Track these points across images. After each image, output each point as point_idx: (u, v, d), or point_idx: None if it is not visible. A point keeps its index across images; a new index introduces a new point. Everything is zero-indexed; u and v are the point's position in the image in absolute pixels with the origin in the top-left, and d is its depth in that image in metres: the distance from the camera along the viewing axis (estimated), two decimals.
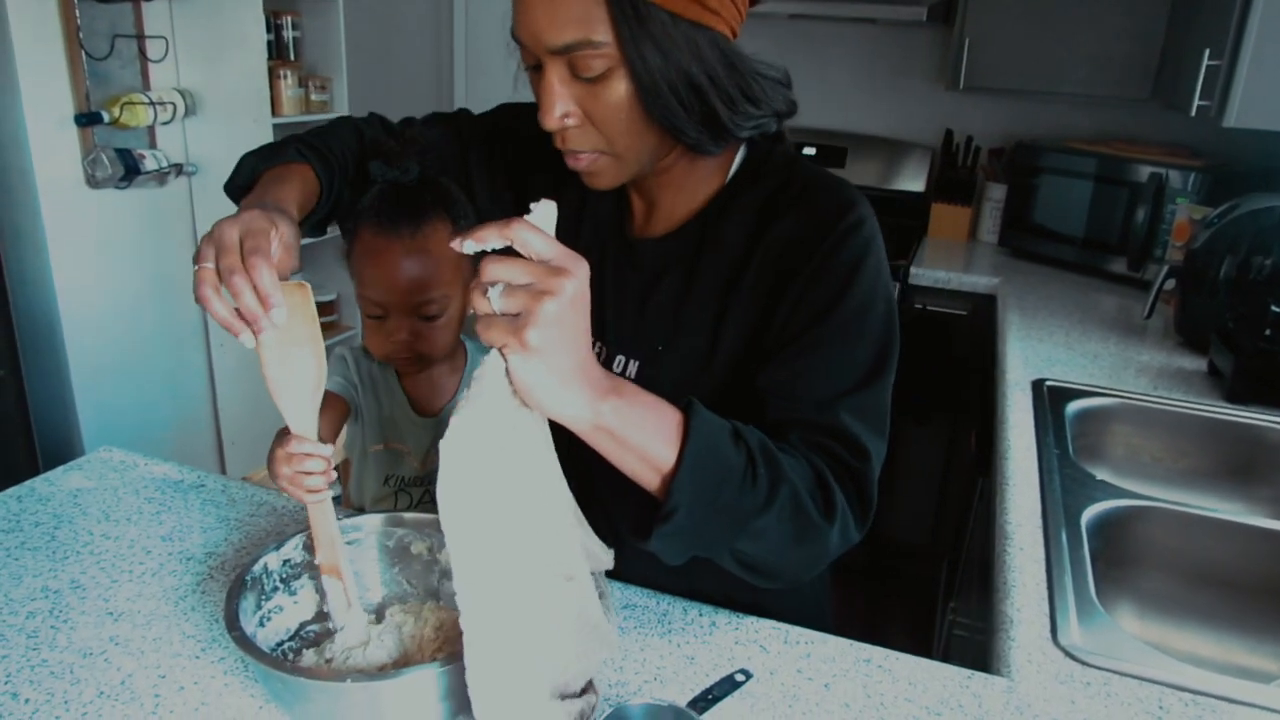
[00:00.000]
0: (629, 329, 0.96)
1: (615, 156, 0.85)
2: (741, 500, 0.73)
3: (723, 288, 0.91)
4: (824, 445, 0.81)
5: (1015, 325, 1.92)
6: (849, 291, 0.84)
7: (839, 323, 0.84)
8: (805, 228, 0.87)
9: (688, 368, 0.92)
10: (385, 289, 1.00)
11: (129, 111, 2.03)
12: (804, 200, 0.89)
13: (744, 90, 0.84)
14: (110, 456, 1.17)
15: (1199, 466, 1.49)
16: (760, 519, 0.74)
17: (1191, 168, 2.19)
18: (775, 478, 0.74)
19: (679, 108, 0.81)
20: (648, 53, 0.78)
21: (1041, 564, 1.01)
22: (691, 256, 0.93)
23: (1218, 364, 1.64)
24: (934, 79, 2.81)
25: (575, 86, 0.81)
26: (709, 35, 0.80)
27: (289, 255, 0.77)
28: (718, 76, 0.82)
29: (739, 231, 0.91)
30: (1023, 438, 1.33)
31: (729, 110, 0.83)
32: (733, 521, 0.73)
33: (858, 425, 0.82)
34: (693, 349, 0.92)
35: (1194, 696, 0.81)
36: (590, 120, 0.82)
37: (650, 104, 0.81)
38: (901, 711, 0.77)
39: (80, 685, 0.77)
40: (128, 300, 2.15)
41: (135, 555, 0.96)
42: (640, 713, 0.70)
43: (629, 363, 0.96)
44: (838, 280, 0.84)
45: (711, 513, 0.72)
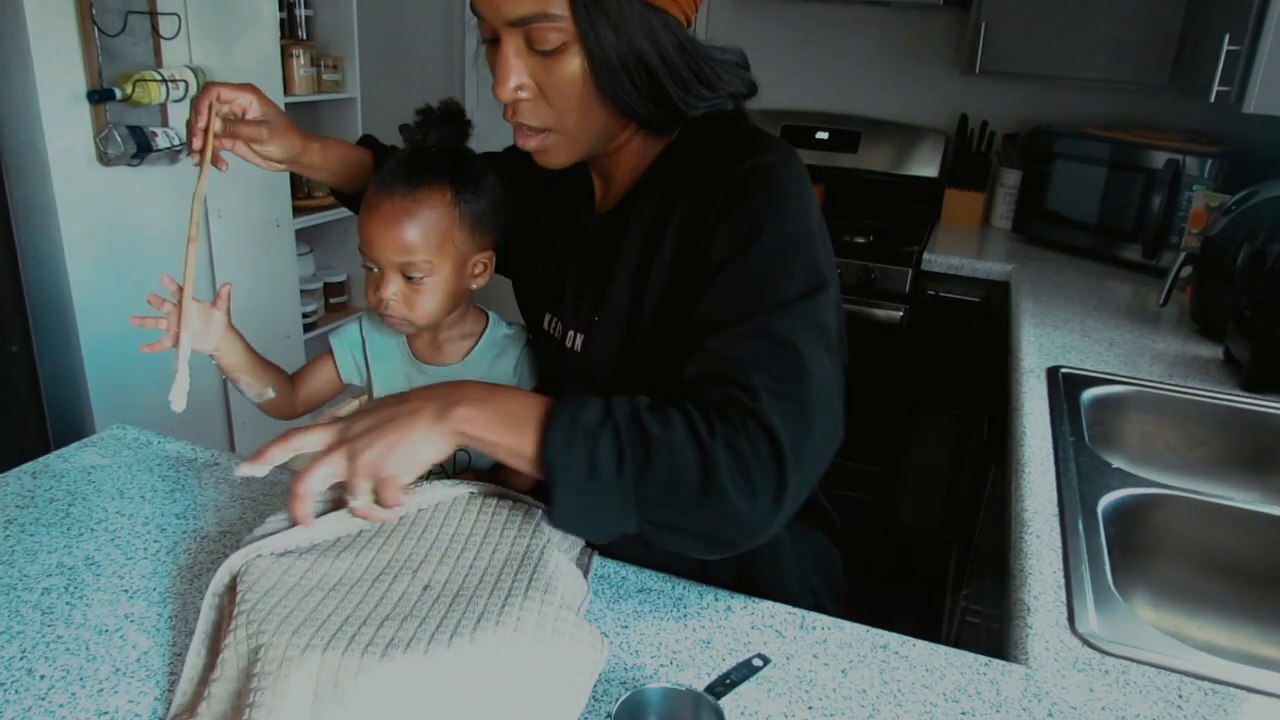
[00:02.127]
0: (575, 303, 1.01)
1: (565, 135, 0.87)
2: (618, 475, 0.73)
3: (640, 262, 0.93)
4: (713, 375, 0.78)
5: (1029, 312, 1.91)
6: (743, 227, 0.83)
7: (738, 257, 0.82)
8: (703, 190, 0.87)
9: (616, 337, 0.95)
10: (371, 244, 1.03)
11: (141, 89, 2.02)
12: (707, 165, 0.88)
13: (696, 72, 0.85)
14: (123, 434, 1.17)
15: (1215, 455, 1.48)
16: (643, 489, 0.73)
17: (1209, 154, 2.16)
18: (648, 448, 0.73)
19: (630, 86, 0.83)
20: (602, 29, 0.79)
21: (1058, 551, 1.00)
22: (619, 233, 0.95)
23: (1234, 352, 1.62)
24: (949, 63, 2.78)
25: (530, 59, 0.82)
26: (662, 18, 0.82)
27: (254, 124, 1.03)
28: (670, 58, 0.83)
29: (655, 206, 0.92)
30: (1038, 425, 1.32)
31: (680, 91, 0.85)
32: (617, 495, 0.74)
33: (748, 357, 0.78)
34: (618, 320, 0.94)
35: (1213, 685, 0.80)
36: (543, 94, 0.84)
37: (603, 80, 0.82)
38: (919, 698, 0.77)
39: (96, 662, 0.77)
40: (139, 278, 2.15)
41: (150, 533, 0.96)
42: (658, 696, 0.70)
43: (576, 336, 1.00)
44: (737, 218, 0.84)
45: (589, 491, 0.74)
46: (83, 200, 2.01)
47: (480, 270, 1.08)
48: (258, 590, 0.76)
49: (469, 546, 0.85)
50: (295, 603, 0.75)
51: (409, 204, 1.01)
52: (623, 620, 0.85)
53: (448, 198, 1.02)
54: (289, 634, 0.70)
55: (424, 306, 1.05)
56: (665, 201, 0.91)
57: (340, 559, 0.82)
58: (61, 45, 1.90)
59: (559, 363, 1.04)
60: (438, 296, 1.05)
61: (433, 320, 1.08)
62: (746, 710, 0.75)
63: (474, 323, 1.16)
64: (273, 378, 1.12)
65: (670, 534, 0.77)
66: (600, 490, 0.74)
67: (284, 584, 0.78)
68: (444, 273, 1.04)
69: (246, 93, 1.04)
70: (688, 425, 0.75)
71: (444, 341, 1.14)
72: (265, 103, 1.06)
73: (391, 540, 0.85)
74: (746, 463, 0.74)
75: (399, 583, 0.79)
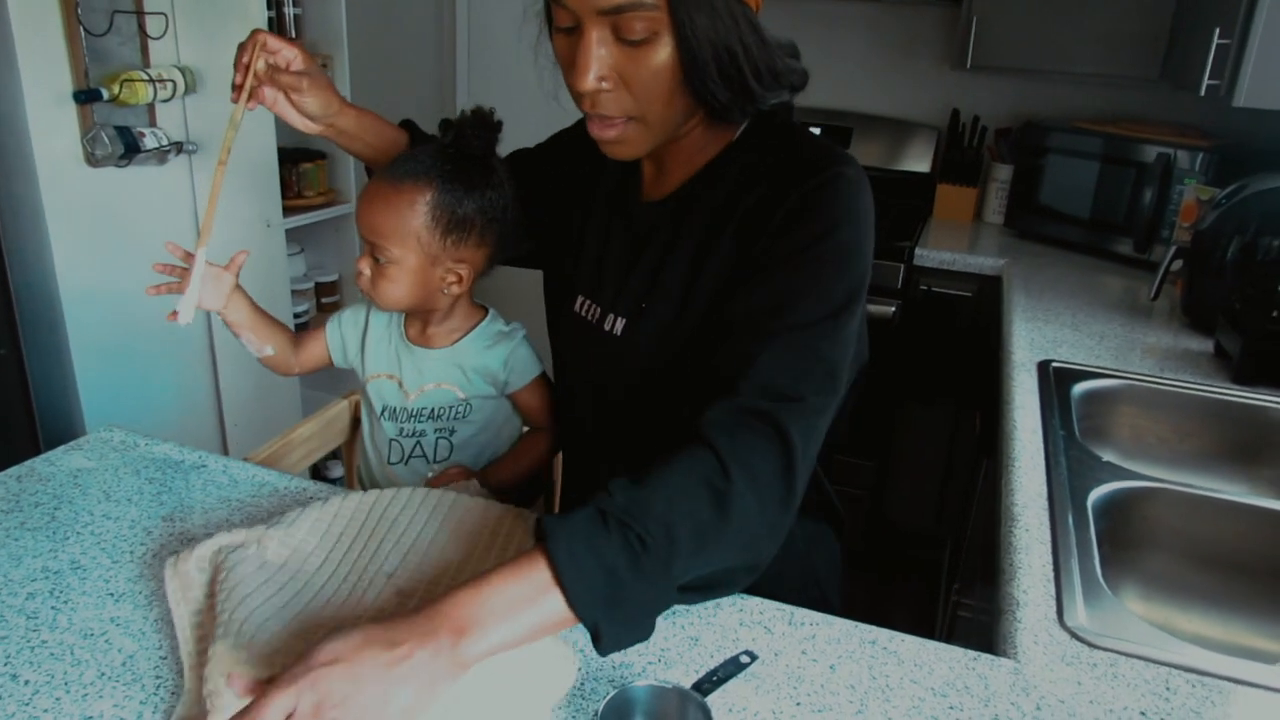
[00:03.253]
0: (619, 288, 1.00)
1: (645, 124, 0.86)
2: (646, 572, 0.71)
3: (697, 251, 0.92)
4: (744, 408, 0.78)
5: (1021, 306, 1.91)
6: (806, 226, 0.84)
7: (788, 253, 0.84)
8: (776, 188, 0.87)
9: (664, 326, 0.94)
10: (359, 220, 1.09)
11: (129, 89, 2.01)
12: (784, 165, 0.89)
13: (769, 63, 0.85)
14: (111, 436, 1.16)
15: (1205, 448, 1.48)
16: (676, 565, 0.73)
17: (1199, 148, 2.16)
18: (662, 523, 0.72)
19: (716, 76, 0.82)
20: (698, 17, 0.78)
21: (1047, 545, 1.00)
22: (678, 220, 0.95)
23: (1224, 345, 1.62)
24: (940, 58, 2.78)
25: (615, 49, 0.81)
26: (743, 8, 0.81)
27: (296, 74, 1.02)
28: (750, 47, 0.83)
29: (721, 197, 0.92)
30: (1028, 419, 1.32)
31: (757, 81, 0.85)
32: (655, 588, 0.72)
33: (789, 371, 0.80)
34: (668, 309, 0.94)
35: (1200, 677, 0.80)
36: (626, 85, 0.83)
37: (690, 70, 0.81)
38: (907, 693, 0.77)
39: (81, 666, 0.76)
40: (128, 279, 2.14)
41: (136, 536, 0.96)
42: (644, 694, 0.70)
43: (617, 320, 0.99)
44: (799, 218, 0.85)
45: (629, 601, 0.71)
46: (70, 202, 2.00)
47: (452, 280, 1.10)
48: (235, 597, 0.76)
49: (446, 553, 0.85)
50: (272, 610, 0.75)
51: (389, 191, 1.05)
52: None
53: (427, 198, 1.05)
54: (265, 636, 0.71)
55: (383, 289, 1.09)
56: (731, 197, 0.91)
57: (320, 569, 0.82)
58: (47, 45, 1.89)
59: (590, 345, 1.03)
60: (399, 285, 1.09)
61: (393, 305, 1.12)
62: (734, 707, 0.74)
63: (465, 319, 1.18)
64: (275, 336, 1.17)
65: (706, 592, 0.81)
66: (636, 597, 0.72)
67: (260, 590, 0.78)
68: (407, 265, 1.08)
69: (292, 47, 1.04)
70: (691, 477, 0.75)
71: (433, 334, 1.18)
72: (309, 60, 1.05)
73: (369, 545, 0.86)
74: (760, 479, 0.76)
75: (373, 588, 0.80)
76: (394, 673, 0.63)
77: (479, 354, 1.17)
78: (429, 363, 1.17)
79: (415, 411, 1.18)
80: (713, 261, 0.91)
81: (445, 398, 1.17)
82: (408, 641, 0.65)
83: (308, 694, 0.61)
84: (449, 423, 1.18)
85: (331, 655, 0.63)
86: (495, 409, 1.21)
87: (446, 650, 0.66)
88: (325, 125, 1.10)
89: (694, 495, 0.74)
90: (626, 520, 0.71)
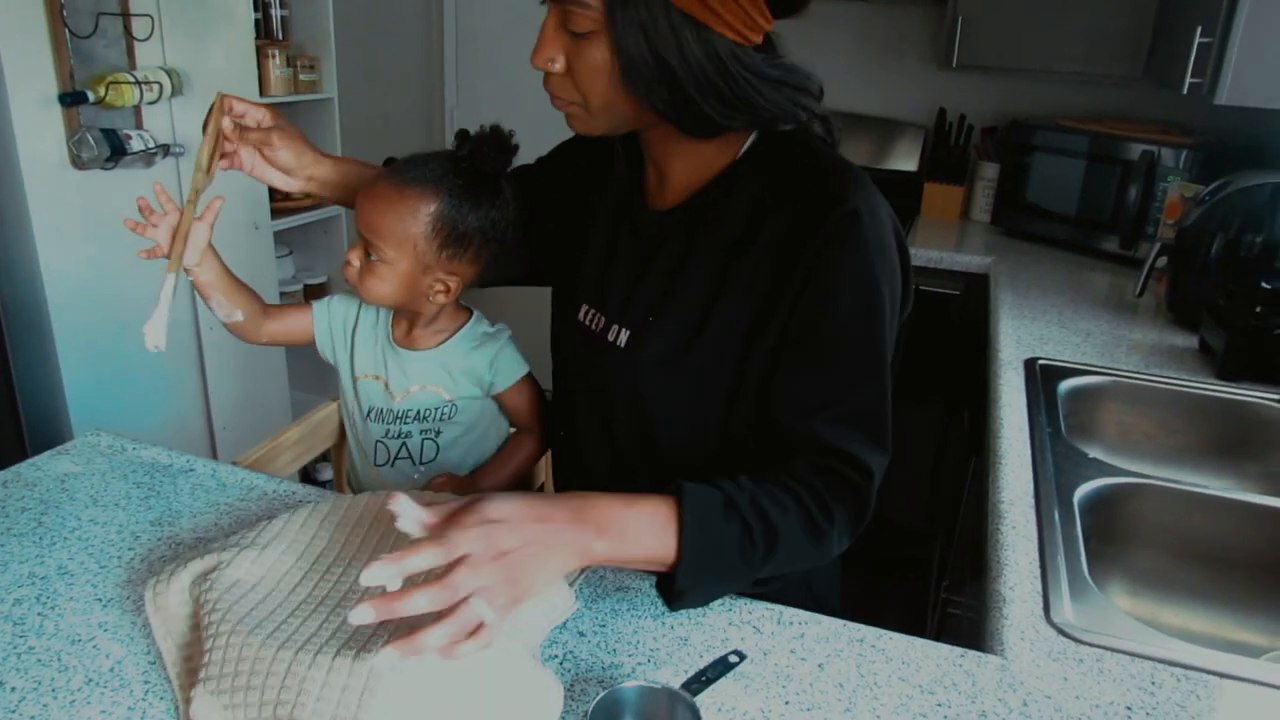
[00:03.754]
0: (625, 298, 0.99)
1: (589, 112, 0.88)
2: (743, 563, 0.82)
3: (718, 269, 0.92)
4: (829, 467, 0.87)
5: (1008, 304, 1.92)
6: (842, 296, 0.86)
7: (834, 334, 0.87)
8: (798, 222, 0.88)
9: (674, 341, 0.94)
10: (357, 208, 1.08)
11: (114, 91, 2.00)
12: (800, 191, 0.89)
13: (733, 90, 0.84)
14: (98, 441, 1.16)
15: (1190, 443, 1.50)
16: (763, 568, 0.83)
17: (1183, 145, 2.18)
18: (771, 533, 0.82)
19: (656, 88, 0.83)
20: (628, 30, 0.80)
21: (1034, 542, 1.01)
22: (691, 232, 0.94)
23: (1209, 341, 1.64)
24: (927, 58, 2.79)
25: (565, 37, 0.84)
26: (701, 32, 0.81)
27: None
28: (701, 71, 0.82)
29: (739, 215, 0.92)
30: (1015, 416, 1.33)
31: (716, 102, 0.85)
32: (739, 577, 0.84)
33: (858, 439, 0.88)
34: (681, 324, 0.93)
35: (1185, 671, 0.81)
36: (570, 72, 0.86)
37: (627, 77, 0.83)
38: (895, 691, 0.77)
39: (68, 672, 0.76)
40: (115, 282, 2.13)
41: (124, 540, 0.96)
42: (633, 695, 0.70)
43: (621, 331, 0.98)
44: (832, 283, 0.86)
45: (718, 580, 0.83)
46: (56, 204, 1.99)
47: (439, 289, 1.10)
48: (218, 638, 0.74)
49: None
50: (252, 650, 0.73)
51: (395, 193, 1.05)
52: (600, 619, 0.85)
53: (431, 208, 1.05)
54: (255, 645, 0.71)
55: (370, 285, 1.09)
56: (750, 224, 0.90)
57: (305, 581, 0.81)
58: (31, 47, 1.88)
59: (592, 354, 1.03)
60: (387, 283, 1.09)
61: (376, 301, 1.12)
62: (724, 707, 0.75)
63: (450, 320, 1.18)
64: (245, 301, 1.12)
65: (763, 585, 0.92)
66: (725, 579, 0.84)
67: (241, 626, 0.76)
68: (398, 267, 1.07)
69: (259, 107, 1.07)
70: (800, 508, 0.85)
71: (418, 336, 1.18)
72: (277, 115, 1.08)
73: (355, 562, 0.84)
74: (844, 529, 0.88)
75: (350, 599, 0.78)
76: (546, 542, 0.72)
77: (465, 355, 1.17)
78: (414, 365, 1.16)
79: (401, 413, 1.18)
80: (731, 293, 0.91)
81: (431, 400, 1.17)
82: (557, 521, 0.74)
83: (483, 541, 0.69)
84: (435, 424, 1.18)
85: (499, 514, 0.71)
86: (481, 410, 1.21)
87: (586, 540, 0.75)
88: (304, 178, 1.10)
89: (798, 520, 0.84)
90: (749, 521, 0.81)
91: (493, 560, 0.68)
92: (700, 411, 0.95)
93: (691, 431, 0.97)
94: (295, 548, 0.85)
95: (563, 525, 0.74)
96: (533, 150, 1.21)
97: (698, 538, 0.79)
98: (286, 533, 0.87)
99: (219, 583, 0.79)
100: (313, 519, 0.90)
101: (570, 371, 1.10)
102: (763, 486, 0.84)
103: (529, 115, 1.24)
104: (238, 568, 0.80)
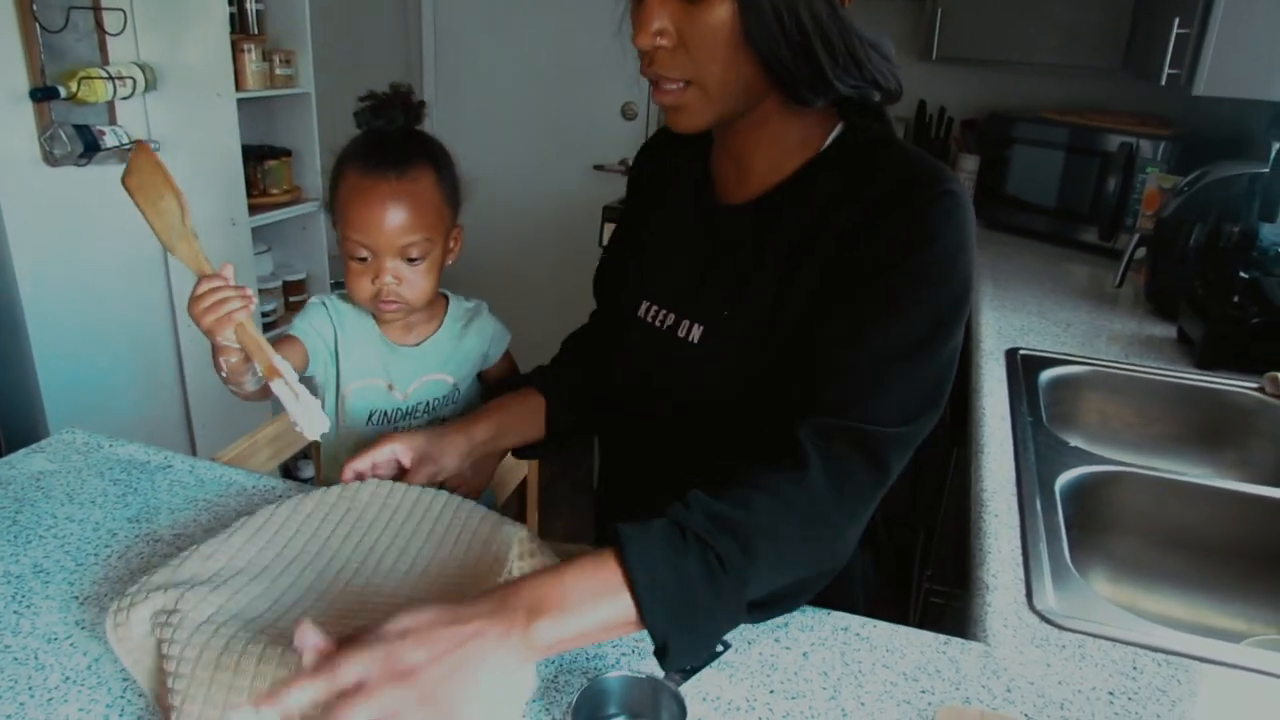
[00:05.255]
0: (696, 294, 0.95)
1: (704, 90, 0.82)
2: (715, 588, 0.70)
3: (792, 257, 0.88)
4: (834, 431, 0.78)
5: (989, 296, 1.93)
6: (917, 249, 0.80)
7: (897, 278, 0.80)
8: (885, 195, 0.83)
9: (750, 336, 0.89)
10: (372, 229, 1.02)
11: (87, 86, 1.98)
12: (891, 173, 0.85)
13: (846, 44, 0.81)
14: (73, 438, 1.14)
15: (1169, 432, 1.51)
16: (751, 581, 0.72)
17: (1161, 137, 2.19)
18: (741, 537, 0.71)
19: (781, 38, 0.78)
20: None
21: (1016, 530, 1.01)
22: (768, 225, 0.90)
23: (1187, 331, 1.65)
24: (906, 50, 2.79)
25: (674, 5, 0.79)
26: None
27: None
28: (821, 19, 0.79)
29: (819, 203, 0.87)
30: (997, 407, 1.34)
31: (830, 59, 0.80)
32: (728, 603, 0.72)
33: (884, 395, 0.79)
34: (757, 318, 0.89)
35: (1166, 656, 0.82)
36: (684, 44, 0.80)
37: (752, 27, 0.77)
38: (879, 678, 0.77)
39: (45, 671, 0.75)
40: (91, 280, 2.10)
41: (100, 538, 0.94)
42: (617, 685, 0.70)
43: (693, 327, 0.94)
44: (908, 236, 0.80)
45: (703, 615, 0.70)
46: (29, 202, 1.97)
47: (454, 244, 1.12)
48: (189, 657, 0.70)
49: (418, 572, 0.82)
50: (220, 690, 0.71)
51: (406, 184, 1.03)
52: None
53: (433, 175, 1.05)
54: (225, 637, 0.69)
55: (421, 287, 1.07)
56: (826, 207, 0.86)
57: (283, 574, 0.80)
58: (1, 42, 1.85)
59: (659, 353, 0.97)
60: (434, 275, 1.08)
61: (427, 300, 1.10)
62: (708, 696, 0.75)
63: (437, 301, 1.19)
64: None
65: (775, 607, 0.82)
66: (711, 612, 0.71)
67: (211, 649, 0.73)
68: (438, 250, 1.07)
69: (381, 447, 0.96)
70: (771, 497, 0.74)
71: (415, 323, 1.16)
72: (409, 439, 0.97)
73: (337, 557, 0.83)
74: (848, 500, 0.78)
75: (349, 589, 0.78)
76: (465, 650, 0.62)
77: (460, 336, 1.18)
78: (417, 358, 1.15)
79: (410, 409, 1.17)
80: (801, 282, 0.86)
81: (438, 389, 1.17)
82: (477, 620, 0.64)
83: (381, 663, 0.60)
84: (437, 411, 1.18)
85: (402, 628, 0.62)
86: (473, 387, 1.22)
87: (519, 631, 0.65)
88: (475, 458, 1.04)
89: (778, 511, 0.74)
90: (705, 539, 0.70)
91: (394, 682, 0.59)
92: (773, 403, 0.88)
93: (760, 423, 0.90)
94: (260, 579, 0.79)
95: (484, 623, 0.64)
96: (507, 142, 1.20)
97: (645, 576, 0.68)
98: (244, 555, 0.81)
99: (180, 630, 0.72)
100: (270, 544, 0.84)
101: (632, 370, 1.02)
102: (720, 491, 0.74)
103: (508, 110, 1.24)
104: (200, 611, 0.73)
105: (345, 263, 1.08)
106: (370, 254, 1.04)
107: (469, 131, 3.31)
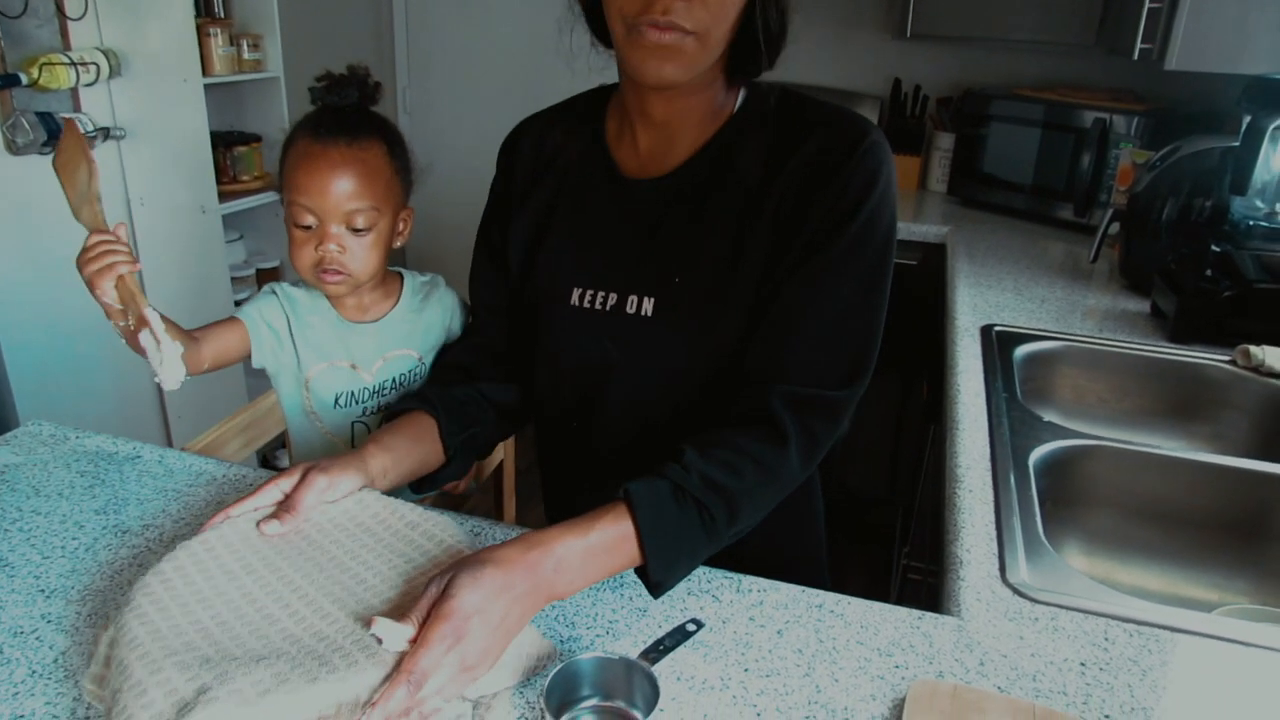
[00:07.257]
0: (636, 268, 0.97)
1: (703, 43, 0.86)
2: (709, 538, 0.81)
3: (738, 217, 0.93)
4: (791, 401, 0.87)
5: (964, 273, 1.93)
6: (855, 212, 0.88)
7: (850, 239, 0.88)
8: (827, 148, 0.91)
9: (709, 296, 0.93)
10: (318, 194, 1.02)
11: (48, 73, 1.94)
12: (823, 125, 0.92)
13: (785, 20, 0.92)
14: (39, 430, 1.12)
15: (1142, 405, 1.52)
16: (731, 531, 0.83)
17: (1134, 112, 2.20)
18: (730, 501, 0.81)
19: (775, 11, 0.89)
20: None
21: (990, 505, 1.01)
22: (701, 190, 0.95)
23: (1160, 305, 1.66)
24: (881, 27, 2.79)
25: None
26: None
27: None
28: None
29: (754, 162, 0.93)
30: (972, 383, 1.34)
31: (779, 35, 0.92)
32: (710, 548, 0.83)
33: (844, 360, 0.89)
34: (713, 278, 0.93)
35: (1138, 627, 0.82)
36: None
37: None
38: (853, 654, 0.77)
39: (10, 665, 0.74)
40: (58, 270, 2.07)
41: (68, 530, 0.93)
42: (591, 666, 0.69)
43: (643, 300, 0.96)
44: (843, 203, 0.88)
45: (692, 560, 0.81)
46: None
47: (403, 226, 1.12)
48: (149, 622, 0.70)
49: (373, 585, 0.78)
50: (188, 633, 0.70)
51: (356, 151, 1.03)
52: None
53: (384, 148, 1.06)
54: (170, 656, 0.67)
55: (365, 260, 1.07)
56: (768, 167, 0.92)
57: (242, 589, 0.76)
58: None
59: (609, 332, 0.97)
60: (379, 249, 1.08)
61: (372, 276, 1.10)
62: (683, 675, 0.75)
63: (392, 279, 1.19)
64: (176, 333, 0.98)
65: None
66: (696, 555, 0.82)
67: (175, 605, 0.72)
68: (385, 224, 1.07)
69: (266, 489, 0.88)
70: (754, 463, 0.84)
71: (370, 303, 1.16)
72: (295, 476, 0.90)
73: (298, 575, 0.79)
74: (816, 448, 0.88)
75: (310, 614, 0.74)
76: (510, 614, 0.70)
77: (420, 310, 1.17)
78: (378, 335, 1.14)
79: (377, 388, 1.16)
80: (753, 241, 0.92)
81: (404, 364, 1.16)
82: (520, 588, 0.71)
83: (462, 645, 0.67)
84: (407, 387, 1.17)
85: (473, 608, 0.68)
86: None
87: (543, 590, 0.73)
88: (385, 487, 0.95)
89: (763, 482, 0.84)
90: (703, 501, 0.80)
91: (460, 672, 0.68)
92: (736, 358, 0.93)
93: (727, 381, 0.93)
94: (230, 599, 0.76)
95: (523, 593, 0.71)
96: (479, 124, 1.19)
97: (657, 539, 0.77)
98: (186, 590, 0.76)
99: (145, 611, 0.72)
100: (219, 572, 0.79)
101: (574, 358, 1.01)
102: (712, 455, 0.82)
103: (482, 94, 1.23)
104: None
105: (289, 232, 1.07)
106: (316, 220, 1.04)
107: (441, 114, 3.27)
